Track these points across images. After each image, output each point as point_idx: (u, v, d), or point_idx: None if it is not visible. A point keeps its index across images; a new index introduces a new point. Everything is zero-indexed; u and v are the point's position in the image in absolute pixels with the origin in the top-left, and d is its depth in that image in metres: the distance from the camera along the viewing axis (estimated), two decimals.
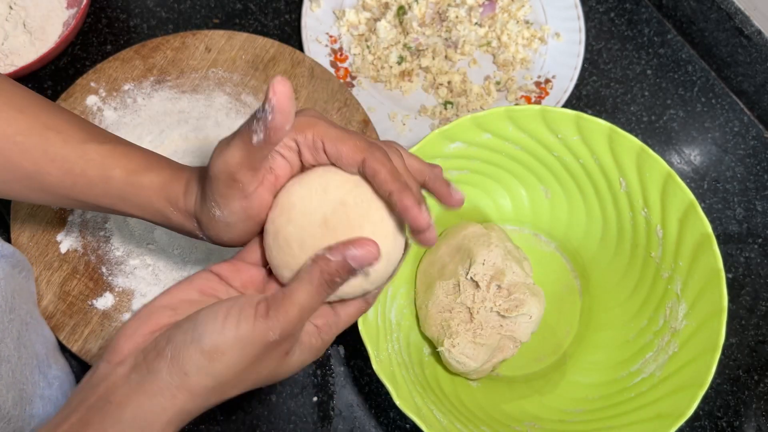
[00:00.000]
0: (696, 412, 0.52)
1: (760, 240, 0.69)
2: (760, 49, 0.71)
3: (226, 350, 0.35)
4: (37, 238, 0.59)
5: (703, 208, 0.54)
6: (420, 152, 0.56)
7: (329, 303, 0.41)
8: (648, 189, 0.57)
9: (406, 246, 0.41)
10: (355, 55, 0.72)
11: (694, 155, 0.72)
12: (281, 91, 0.35)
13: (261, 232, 0.41)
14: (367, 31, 0.72)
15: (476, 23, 0.73)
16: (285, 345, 0.37)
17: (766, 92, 0.72)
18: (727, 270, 0.67)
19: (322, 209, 0.38)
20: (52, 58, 0.67)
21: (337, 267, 0.37)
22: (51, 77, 0.70)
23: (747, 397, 0.64)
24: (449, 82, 0.71)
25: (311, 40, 0.71)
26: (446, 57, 0.73)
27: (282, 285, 0.40)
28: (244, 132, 0.38)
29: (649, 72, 0.75)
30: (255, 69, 0.66)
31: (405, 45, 0.72)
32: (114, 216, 0.61)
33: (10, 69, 0.65)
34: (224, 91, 0.66)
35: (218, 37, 0.67)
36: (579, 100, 0.74)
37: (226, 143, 0.39)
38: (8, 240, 0.61)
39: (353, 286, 0.39)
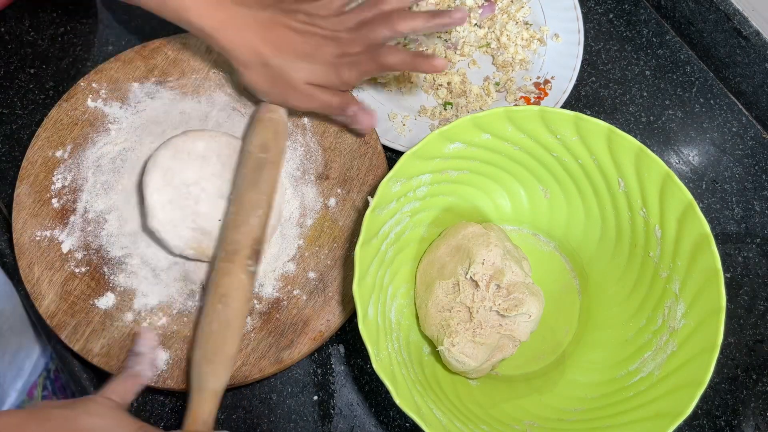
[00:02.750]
0: (694, 411, 0.52)
1: (758, 240, 0.70)
2: (759, 50, 0.71)
3: None
4: (39, 238, 0.60)
5: (701, 208, 0.55)
6: (420, 152, 0.56)
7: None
8: (646, 189, 0.57)
9: None
10: None
11: (693, 155, 0.73)
12: None
13: None
14: None
15: (475, 24, 0.73)
16: None
17: (764, 93, 0.73)
18: (726, 270, 0.67)
19: None
20: None
21: None
22: (53, 78, 0.70)
23: (745, 396, 0.64)
24: (449, 83, 0.71)
25: None
26: (446, 58, 0.73)
27: None
28: None
29: (647, 73, 0.76)
30: None
31: (405, 46, 0.72)
32: (116, 216, 0.61)
33: None
34: (225, 92, 0.66)
35: None
36: (578, 100, 0.74)
37: None
38: (10, 240, 0.61)
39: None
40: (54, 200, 0.61)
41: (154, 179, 0.59)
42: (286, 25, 0.58)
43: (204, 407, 0.52)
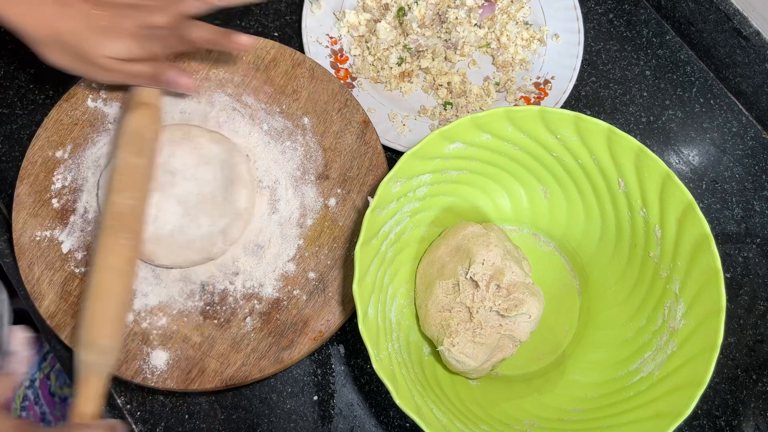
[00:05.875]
0: (694, 412, 0.53)
1: (758, 240, 0.70)
2: (758, 50, 0.71)
3: None
4: (39, 238, 0.60)
5: (701, 208, 0.55)
6: (420, 152, 0.56)
7: None
8: (646, 189, 0.57)
9: None
10: (355, 56, 0.72)
11: (693, 155, 0.73)
12: None
13: None
14: (367, 32, 0.73)
15: (476, 24, 0.73)
16: None
17: (764, 93, 0.73)
18: (726, 270, 0.67)
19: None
20: None
21: None
22: (52, 78, 0.70)
23: (745, 397, 0.64)
24: (449, 83, 0.71)
25: (312, 41, 0.71)
26: (446, 58, 0.73)
27: None
28: None
29: (647, 73, 0.76)
30: (256, 70, 0.66)
31: (405, 46, 0.72)
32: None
33: None
34: (225, 92, 0.66)
35: None
36: (578, 100, 0.74)
37: None
38: (10, 240, 0.61)
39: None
40: (54, 200, 0.61)
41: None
42: None
43: (83, 388, 0.50)
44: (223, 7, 0.58)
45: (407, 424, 0.61)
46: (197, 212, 0.60)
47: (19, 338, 0.54)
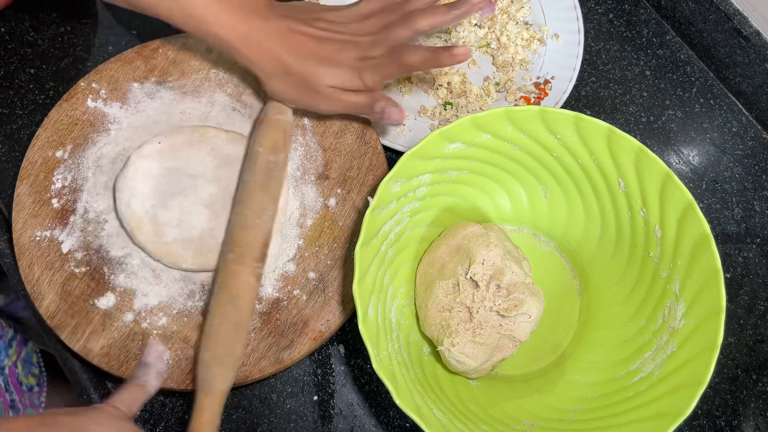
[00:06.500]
0: (694, 412, 0.53)
1: (758, 240, 0.70)
2: (759, 50, 0.71)
3: None
4: (39, 238, 0.60)
5: (701, 208, 0.55)
6: (420, 152, 0.56)
7: None
8: (646, 189, 0.57)
9: None
10: None
11: (693, 155, 0.73)
12: None
13: None
14: None
15: (476, 24, 0.73)
16: None
17: (764, 93, 0.73)
18: (726, 270, 0.67)
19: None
20: None
21: None
22: (52, 78, 0.70)
23: (745, 397, 0.64)
24: (449, 83, 0.71)
25: None
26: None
27: None
28: None
29: (647, 73, 0.76)
30: None
31: None
32: (116, 216, 0.61)
33: None
34: (225, 92, 0.66)
35: None
36: (578, 100, 0.74)
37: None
38: (10, 240, 0.61)
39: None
40: (54, 200, 0.61)
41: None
42: (304, 33, 0.59)
43: (212, 408, 0.53)
44: (429, 31, 0.60)
45: (407, 424, 0.61)
46: (225, 213, 0.60)
47: (155, 350, 0.54)
